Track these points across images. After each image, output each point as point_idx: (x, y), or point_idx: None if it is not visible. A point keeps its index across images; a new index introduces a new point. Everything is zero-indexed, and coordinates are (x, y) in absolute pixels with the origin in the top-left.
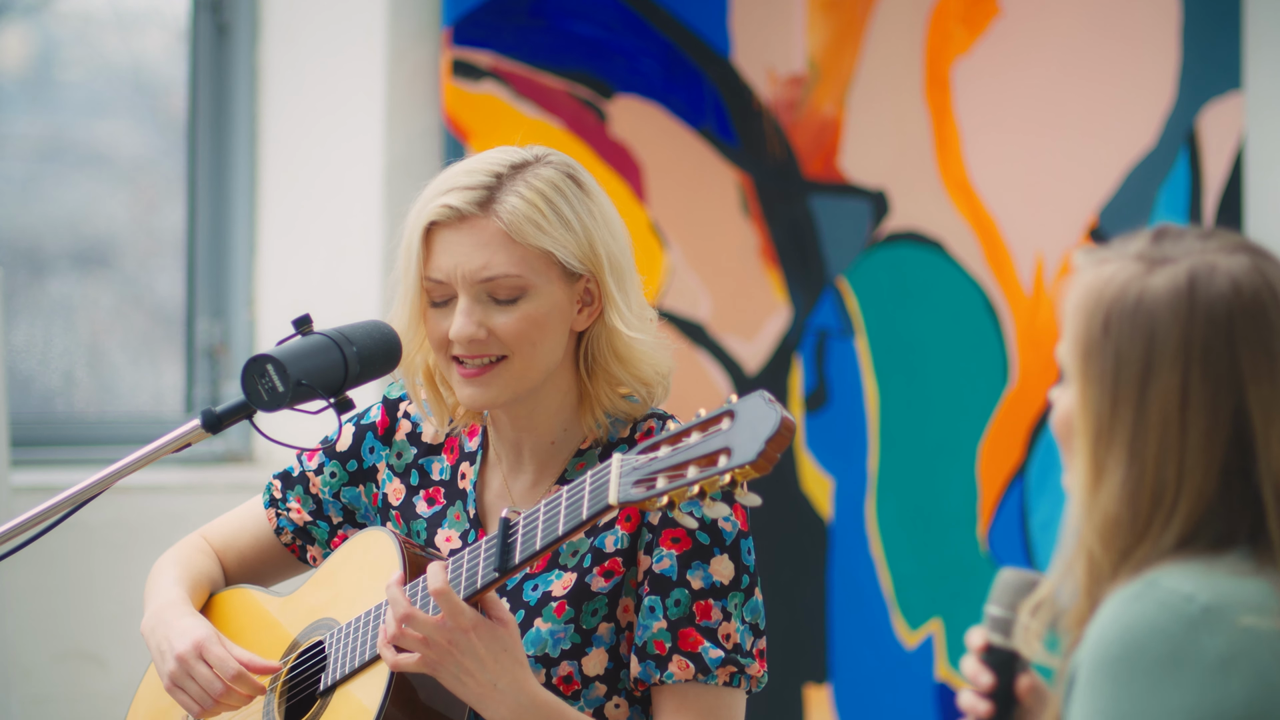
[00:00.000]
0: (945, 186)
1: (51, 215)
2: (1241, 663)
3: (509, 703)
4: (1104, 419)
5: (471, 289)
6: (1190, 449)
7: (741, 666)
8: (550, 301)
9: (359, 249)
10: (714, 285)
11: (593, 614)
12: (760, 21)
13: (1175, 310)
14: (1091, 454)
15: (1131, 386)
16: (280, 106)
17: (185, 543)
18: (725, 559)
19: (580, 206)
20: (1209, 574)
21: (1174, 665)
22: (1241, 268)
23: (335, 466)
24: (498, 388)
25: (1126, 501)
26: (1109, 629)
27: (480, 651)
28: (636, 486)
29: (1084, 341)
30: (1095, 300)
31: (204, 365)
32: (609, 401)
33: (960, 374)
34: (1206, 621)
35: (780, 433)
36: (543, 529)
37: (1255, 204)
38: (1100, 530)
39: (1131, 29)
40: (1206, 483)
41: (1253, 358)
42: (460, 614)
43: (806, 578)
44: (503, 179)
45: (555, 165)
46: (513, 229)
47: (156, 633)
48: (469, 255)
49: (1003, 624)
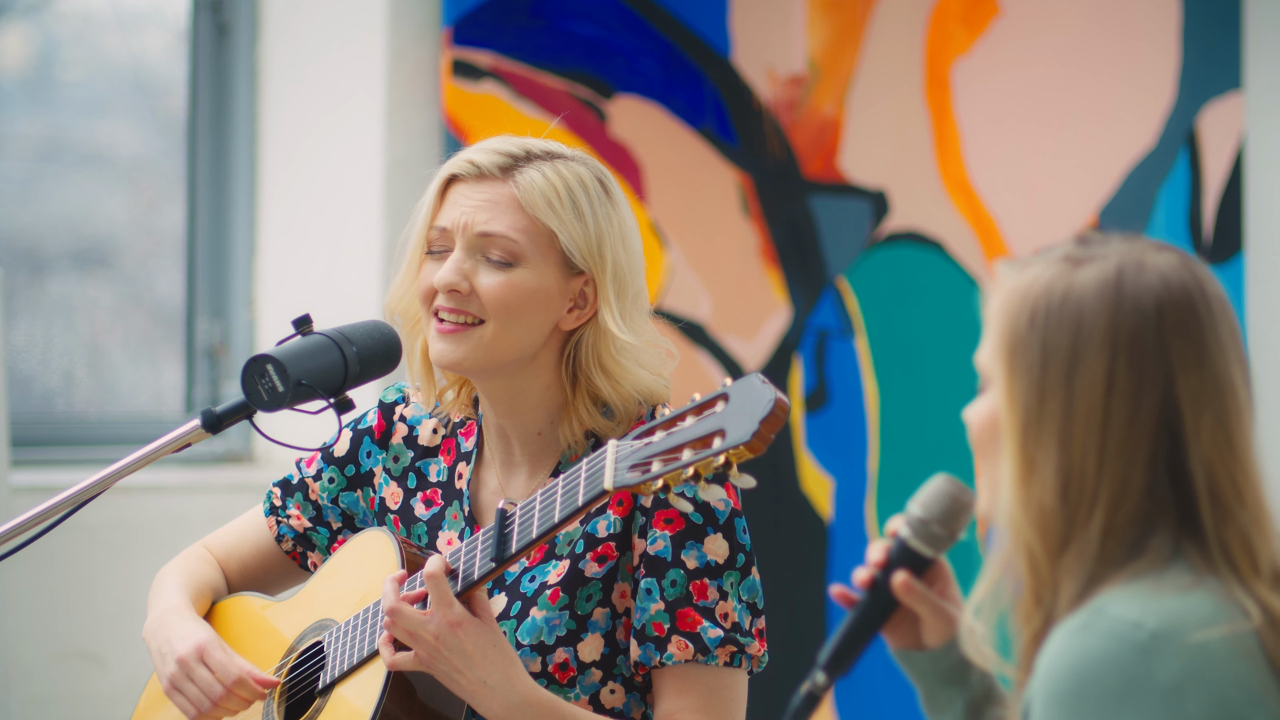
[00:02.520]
0: (945, 186)
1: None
2: (1196, 685)
3: (500, 699)
4: (1032, 412)
5: (468, 242)
6: (1112, 436)
7: (741, 646)
8: (540, 281)
9: (359, 249)
10: (714, 285)
11: (587, 599)
12: (760, 21)
13: (1103, 299)
14: (1021, 448)
15: (1059, 377)
16: (280, 106)
17: (188, 553)
18: (719, 538)
19: (600, 207)
20: (1156, 596)
21: (1128, 694)
22: (1169, 264)
23: (334, 472)
24: (465, 349)
25: (1059, 492)
26: (1059, 662)
27: (467, 648)
28: (632, 471)
29: (1009, 338)
30: (1020, 299)
31: (204, 365)
32: (587, 415)
33: (960, 374)
34: (1156, 648)
35: (774, 413)
36: (539, 517)
37: (1255, 204)
38: (1036, 524)
39: (1131, 29)
40: (1131, 471)
41: (1181, 347)
42: (448, 605)
43: (806, 578)
44: (533, 157)
45: (590, 167)
46: (524, 198)
47: (158, 636)
48: (476, 208)
49: (919, 527)
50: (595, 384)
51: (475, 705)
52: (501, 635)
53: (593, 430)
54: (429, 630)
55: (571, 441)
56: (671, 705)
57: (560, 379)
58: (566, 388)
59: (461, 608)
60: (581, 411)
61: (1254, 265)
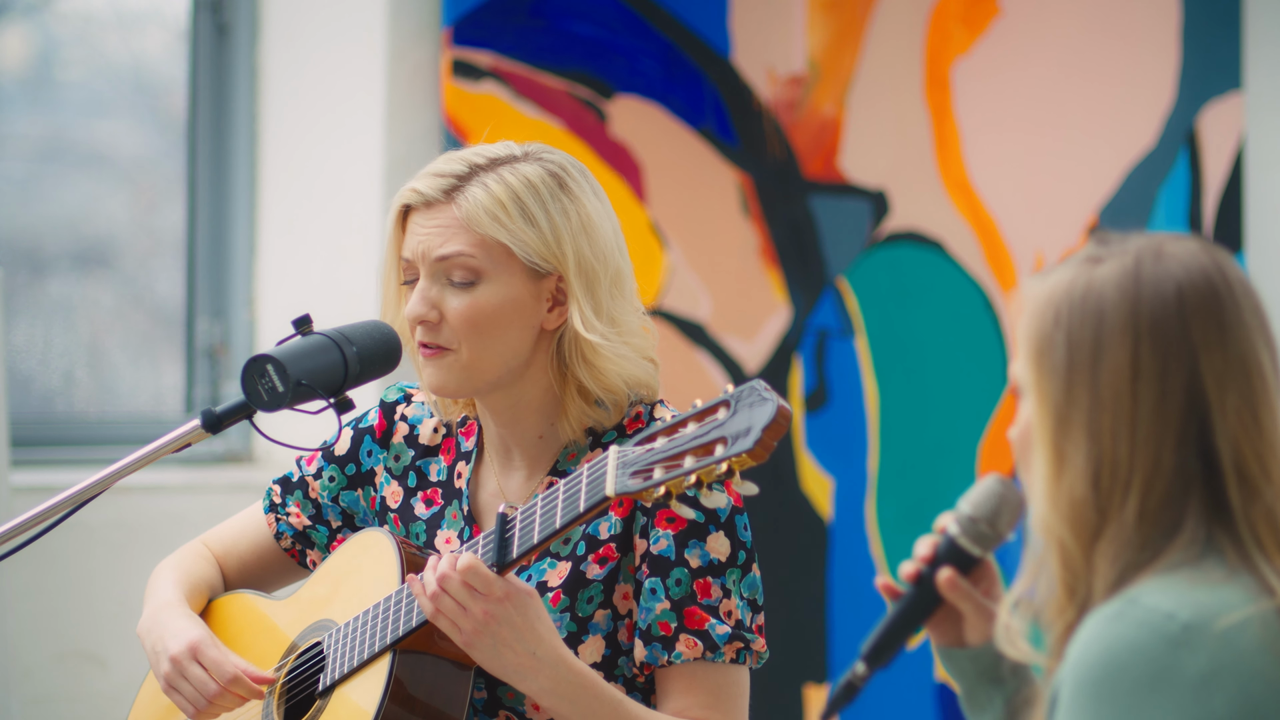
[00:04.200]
0: (945, 186)
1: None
2: (1224, 679)
3: (548, 672)
4: (1060, 407)
5: (430, 268)
6: (1143, 421)
7: (747, 642)
8: (507, 293)
9: (359, 249)
10: (714, 285)
11: (588, 601)
12: (760, 21)
13: (1122, 289)
14: (1052, 445)
15: (1084, 368)
16: (280, 106)
17: (185, 549)
18: (721, 535)
19: (553, 205)
20: (1191, 589)
21: (1156, 685)
22: (1188, 250)
23: (334, 471)
24: (448, 375)
25: (1091, 481)
26: (1090, 649)
27: (516, 620)
28: (634, 477)
29: (1037, 342)
30: (1045, 303)
31: (204, 365)
32: (579, 409)
33: (960, 374)
34: (1187, 640)
35: (776, 421)
36: (540, 523)
37: (1255, 204)
38: (1067, 516)
39: (1131, 29)
40: (1162, 453)
41: (1203, 328)
42: (492, 585)
43: (806, 578)
44: (476, 170)
45: (543, 163)
46: (469, 218)
47: (152, 634)
48: (429, 235)
49: (968, 525)
50: (580, 378)
51: (521, 680)
52: (542, 608)
53: (592, 427)
54: (480, 604)
55: (571, 439)
56: (680, 703)
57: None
58: (556, 386)
59: (504, 582)
60: (573, 407)
61: (1254, 265)
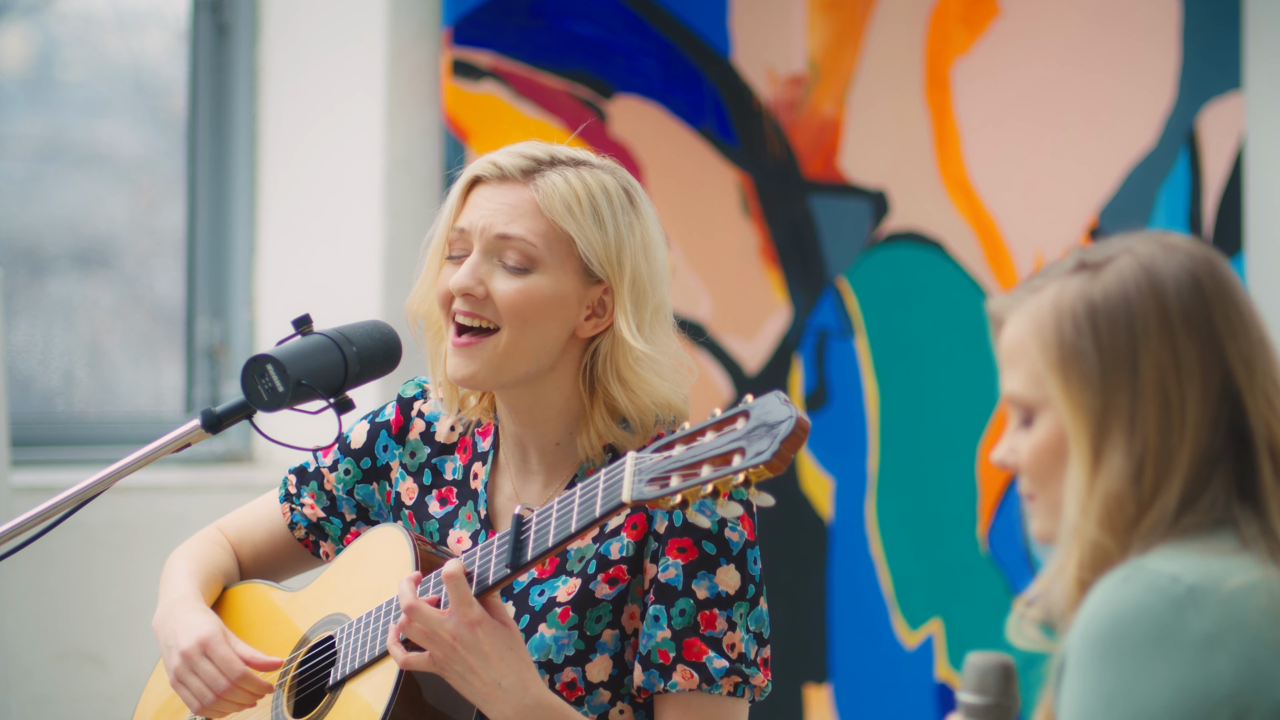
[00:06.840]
0: (945, 186)
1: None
2: (1229, 640)
3: (513, 702)
4: (1097, 411)
5: (486, 244)
6: (1189, 409)
7: (746, 676)
8: (557, 288)
9: (359, 249)
10: (714, 285)
11: (597, 620)
12: (760, 21)
13: (1145, 288)
14: (1090, 449)
15: (1122, 369)
16: (280, 106)
17: (201, 535)
18: (731, 569)
19: (622, 217)
20: (1201, 558)
21: (1161, 644)
22: (1186, 241)
23: (350, 464)
24: (479, 363)
25: (1130, 477)
26: (1097, 611)
27: (485, 648)
28: (650, 485)
29: (1058, 354)
30: (1053, 316)
31: (204, 365)
32: (603, 424)
33: (960, 374)
34: (1193, 601)
35: (795, 433)
36: (555, 526)
37: (1255, 204)
38: (1101, 515)
39: (1131, 29)
40: (1202, 438)
41: (1224, 313)
42: (468, 604)
43: (806, 578)
44: (558, 162)
45: (617, 177)
46: (544, 202)
47: (165, 628)
48: (495, 210)
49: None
50: (612, 394)
51: (486, 708)
52: (519, 639)
53: (611, 444)
54: (446, 629)
55: (590, 454)
56: None
57: (579, 389)
58: (584, 398)
59: (481, 608)
60: (598, 422)
61: (1254, 265)
